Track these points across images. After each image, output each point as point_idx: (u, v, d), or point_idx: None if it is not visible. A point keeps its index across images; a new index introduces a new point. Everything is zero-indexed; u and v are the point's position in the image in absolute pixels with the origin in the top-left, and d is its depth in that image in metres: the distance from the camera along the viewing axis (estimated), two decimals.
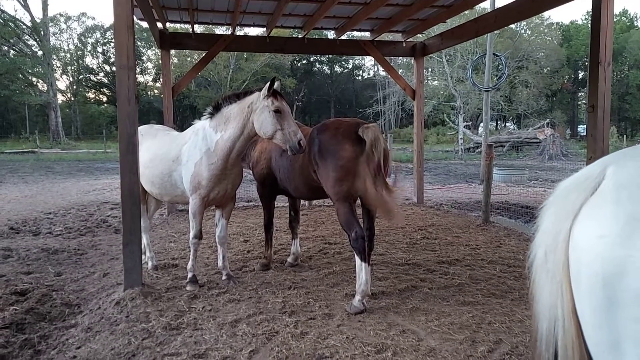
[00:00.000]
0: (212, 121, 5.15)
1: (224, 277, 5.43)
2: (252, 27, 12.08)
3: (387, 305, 4.62)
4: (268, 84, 4.76)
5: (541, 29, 49.26)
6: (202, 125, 5.27)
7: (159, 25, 9.95)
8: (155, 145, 5.54)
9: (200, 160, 5.06)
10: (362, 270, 4.48)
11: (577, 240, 1.46)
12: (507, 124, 57.12)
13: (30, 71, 48.37)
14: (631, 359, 1.25)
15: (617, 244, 1.30)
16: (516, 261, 6.22)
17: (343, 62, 67.20)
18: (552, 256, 1.55)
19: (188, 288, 5.12)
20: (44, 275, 5.80)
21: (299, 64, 63.16)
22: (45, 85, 49.00)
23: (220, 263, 5.51)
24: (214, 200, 5.25)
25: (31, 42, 48.61)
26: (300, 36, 10.98)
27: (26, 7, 46.94)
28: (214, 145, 5.04)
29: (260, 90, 4.80)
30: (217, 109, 5.16)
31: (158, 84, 59.17)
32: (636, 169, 1.40)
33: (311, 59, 63.05)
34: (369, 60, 65.56)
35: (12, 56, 47.07)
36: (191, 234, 5.29)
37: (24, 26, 47.17)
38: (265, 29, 10.66)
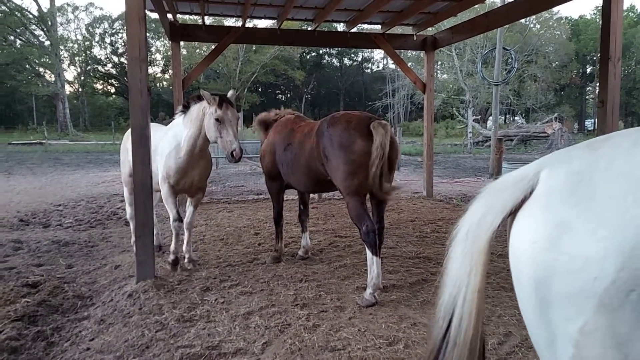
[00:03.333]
0: (185, 118, 5.50)
1: (185, 261, 5.72)
2: (262, 19, 12.05)
3: (398, 299, 4.62)
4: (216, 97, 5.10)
5: (550, 23, 48.90)
6: (177, 122, 5.65)
7: (169, 16, 9.93)
8: None
9: (169, 154, 5.46)
10: (373, 264, 4.48)
11: (514, 244, 1.54)
12: (515, 118, 56.83)
13: (37, 61, 48.49)
14: (564, 355, 1.33)
15: (546, 249, 1.37)
16: None
17: (352, 55, 67.04)
18: (472, 238, 1.66)
19: (169, 268, 5.52)
20: (55, 267, 5.81)
21: (308, 57, 63.05)
22: (52, 75, 49.06)
23: (184, 247, 5.77)
24: (182, 189, 5.66)
25: (38, 32, 48.60)
26: (310, 28, 10.94)
27: None
28: (182, 141, 5.40)
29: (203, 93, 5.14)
30: (186, 107, 5.53)
31: (167, 76, 59.23)
32: (566, 174, 1.45)
33: (320, 51, 62.91)
34: (378, 53, 65.42)
35: (19, 46, 47.18)
36: (170, 219, 5.59)
37: (30, 15, 47.16)
38: (275, 21, 10.63)
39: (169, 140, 5.57)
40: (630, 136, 1.39)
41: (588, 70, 61.52)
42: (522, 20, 41.49)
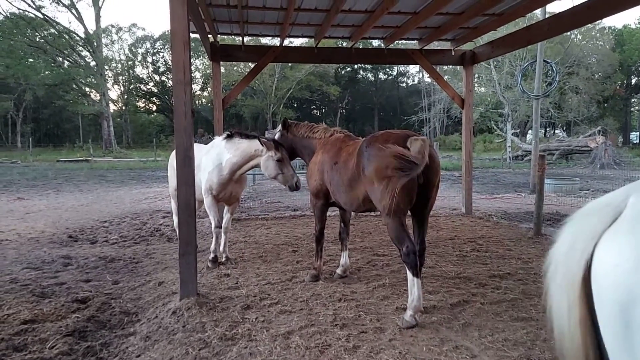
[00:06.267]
0: (227, 143, 6.53)
1: (223, 259, 6.90)
2: (299, 38, 12.22)
3: (439, 320, 4.56)
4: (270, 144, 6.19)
5: (593, 33, 47.75)
6: (218, 143, 6.71)
7: (210, 37, 10.19)
8: None
9: (212, 170, 6.51)
10: (414, 286, 4.42)
11: (597, 268, 1.51)
12: (556, 131, 55.56)
13: (83, 81, 50.22)
14: None
15: (630, 272, 1.36)
16: None
17: (387, 69, 67.04)
18: (562, 270, 1.63)
19: (209, 265, 6.59)
20: (102, 283, 6.00)
21: (343, 72, 63.37)
22: (98, 95, 50.78)
23: (221, 248, 6.95)
24: (222, 199, 6.73)
25: (84, 53, 50.45)
26: (346, 45, 11.04)
27: (80, 19, 48.90)
28: (224, 162, 6.44)
29: (260, 140, 6.22)
30: (231, 136, 6.55)
31: (205, 93, 60.47)
32: None
33: (355, 66, 63.16)
34: (413, 67, 65.19)
35: (67, 67, 49.04)
36: (212, 225, 6.73)
37: (77, 38, 49.04)
38: (313, 39, 10.77)
39: (212, 159, 6.56)
40: None
41: (633, 81, 59.73)
42: None
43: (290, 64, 48.43)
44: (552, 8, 36.88)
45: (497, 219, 10.46)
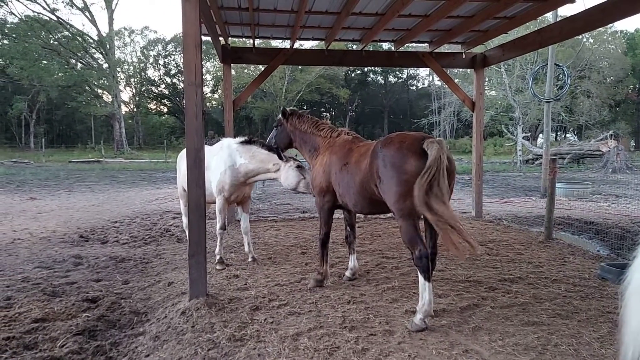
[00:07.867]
0: (241, 147, 6.56)
1: (249, 259, 6.94)
2: (310, 41, 12.23)
3: (448, 324, 4.52)
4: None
5: (604, 37, 47.45)
6: (228, 144, 6.71)
7: (221, 40, 10.24)
8: None
9: (224, 171, 6.52)
10: (425, 290, 4.37)
11: None
12: (567, 135, 55.19)
13: (96, 83, 50.75)
14: None
15: None
16: (582, 280, 5.97)
17: (397, 72, 66.98)
18: None
19: (217, 267, 6.54)
20: (113, 283, 6.04)
21: (352, 75, 63.44)
22: (110, 96, 51.23)
23: (246, 248, 7.06)
24: (234, 201, 6.86)
25: (97, 55, 51.00)
26: (356, 48, 11.03)
27: (93, 21, 49.60)
28: (237, 165, 6.51)
29: (280, 154, 6.40)
30: (249, 143, 6.60)
31: (216, 95, 60.73)
32: None
33: (365, 69, 63.18)
34: (423, 70, 65.03)
35: (80, 69, 49.54)
36: (217, 226, 6.76)
37: (90, 40, 49.59)
38: (323, 42, 10.79)
39: (224, 159, 6.54)
40: None
41: None
42: None
43: (300, 67, 48.56)
44: (564, 11, 36.67)
45: (507, 222, 10.41)
